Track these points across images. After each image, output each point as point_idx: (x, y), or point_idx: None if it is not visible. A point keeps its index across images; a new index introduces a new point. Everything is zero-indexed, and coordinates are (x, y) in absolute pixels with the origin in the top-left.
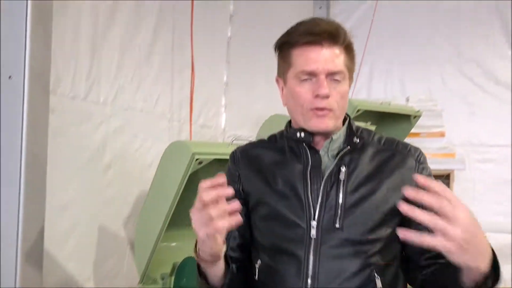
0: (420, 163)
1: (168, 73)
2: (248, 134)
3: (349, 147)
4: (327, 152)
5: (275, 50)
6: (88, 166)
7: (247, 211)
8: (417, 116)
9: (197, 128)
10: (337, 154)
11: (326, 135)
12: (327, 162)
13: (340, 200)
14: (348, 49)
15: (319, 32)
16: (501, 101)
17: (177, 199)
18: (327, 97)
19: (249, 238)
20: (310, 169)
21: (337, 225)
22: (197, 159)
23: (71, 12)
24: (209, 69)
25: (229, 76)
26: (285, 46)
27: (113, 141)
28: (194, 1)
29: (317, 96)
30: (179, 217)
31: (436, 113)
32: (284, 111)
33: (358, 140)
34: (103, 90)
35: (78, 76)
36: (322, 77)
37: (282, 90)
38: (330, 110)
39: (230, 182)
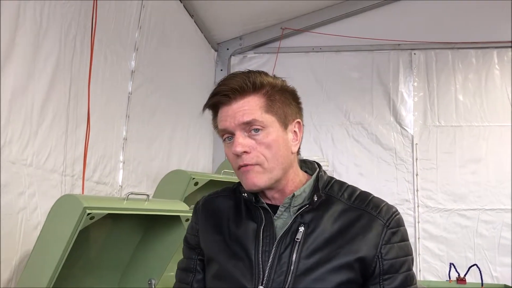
0: (389, 228)
1: (63, 127)
2: (146, 190)
3: (308, 205)
4: (289, 208)
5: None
6: None
7: (204, 267)
8: None
9: (92, 184)
10: (297, 211)
11: (281, 190)
12: (287, 219)
13: (292, 266)
14: (270, 94)
15: (225, 90)
16: (386, 163)
17: (65, 258)
18: (242, 154)
19: None
20: (263, 228)
21: None
22: (88, 214)
23: None
24: (108, 124)
25: (129, 131)
26: (210, 110)
27: None
28: (94, 56)
29: (234, 154)
30: (66, 280)
31: (328, 172)
32: (182, 166)
33: (321, 197)
34: None
35: None
36: (237, 133)
37: None
38: (254, 165)
39: (189, 235)
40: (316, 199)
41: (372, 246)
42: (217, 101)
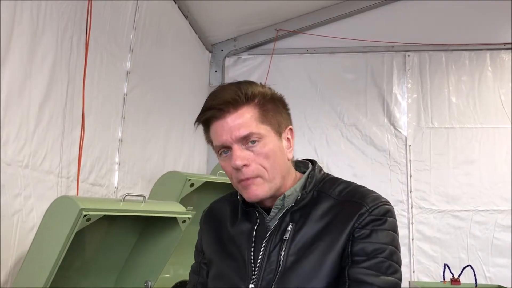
0: (371, 213)
1: (59, 128)
2: (141, 192)
3: (294, 204)
4: (283, 209)
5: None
6: None
7: (208, 270)
8: None
9: (88, 186)
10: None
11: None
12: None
13: (281, 263)
14: (262, 104)
15: (218, 104)
16: (380, 164)
17: (61, 260)
18: (241, 168)
19: None
20: (256, 229)
21: None
22: (85, 216)
23: None
24: (103, 125)
25: (124, 132)
26: (201, 124)
27: None
28: (89, 56)
29: (233, 168)
30: (62, 282)
31: None
32: (178, 168)
33: (304, 195)
34: None
35: None
36: (235, 147)
37: None
38: (255, 177)
39: (198, 239)
40: (299, 198)
41: (348, 230)
42: (210, 116)
